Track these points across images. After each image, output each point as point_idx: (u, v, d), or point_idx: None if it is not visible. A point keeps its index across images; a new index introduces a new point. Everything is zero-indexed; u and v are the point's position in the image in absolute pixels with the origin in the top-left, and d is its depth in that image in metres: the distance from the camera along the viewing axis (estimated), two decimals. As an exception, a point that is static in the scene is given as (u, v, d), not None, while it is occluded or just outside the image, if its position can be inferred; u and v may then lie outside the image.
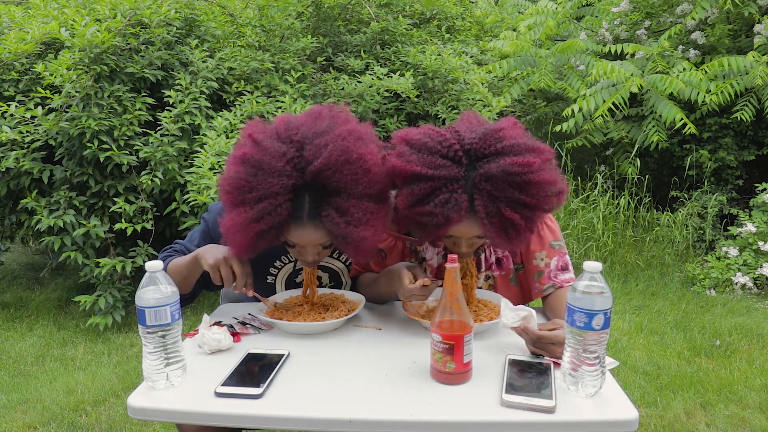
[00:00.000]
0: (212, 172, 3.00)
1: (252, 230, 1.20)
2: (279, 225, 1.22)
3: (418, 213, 1.23)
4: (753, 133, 4.63)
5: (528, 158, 1.18)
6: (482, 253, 1.48)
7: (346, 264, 1.58)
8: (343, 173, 1.19)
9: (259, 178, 1.19)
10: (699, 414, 2.43)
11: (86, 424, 2.41)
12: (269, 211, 1.19)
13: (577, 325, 1.02)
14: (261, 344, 1.30)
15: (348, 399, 1.06)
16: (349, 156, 1.19)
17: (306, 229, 1.24)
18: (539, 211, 1.24)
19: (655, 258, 4.34)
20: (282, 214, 1.19)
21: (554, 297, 1.41)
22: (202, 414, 1.04)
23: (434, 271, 1.53)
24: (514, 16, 5.83)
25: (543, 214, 1.28)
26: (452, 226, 1.23)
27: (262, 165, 1.19)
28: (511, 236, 1.22)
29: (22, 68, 3.61)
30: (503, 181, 1.18)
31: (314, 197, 1.22)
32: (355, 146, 1.21)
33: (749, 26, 4.56)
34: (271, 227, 1.21)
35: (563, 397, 1.03)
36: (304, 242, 1.27)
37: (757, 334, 3.18)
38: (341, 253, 1.56)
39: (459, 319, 1.08)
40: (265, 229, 1.21)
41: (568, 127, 4.41)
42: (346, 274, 1.59)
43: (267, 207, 1.18)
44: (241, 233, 1.22)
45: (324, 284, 1.61)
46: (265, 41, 4.06)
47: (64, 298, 3.93)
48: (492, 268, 1.49)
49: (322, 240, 1.27)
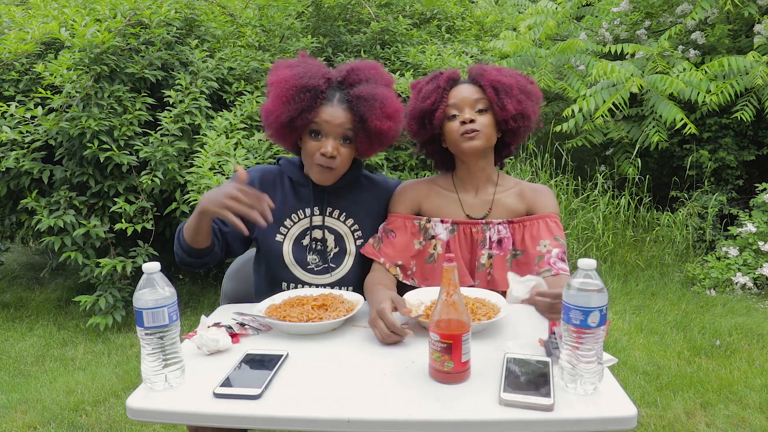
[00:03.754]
0: (212, 172, 3.00)
1: (295, 84, 1.46)
2: (316, 91, 1.47)
3: (424, 90, 1.57)
4: (753, 133, 4.63)
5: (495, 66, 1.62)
6: (488, 231, 1.59)
7: (351, 229, 1.64)
8: (365, 72, 1.54)
9: (305, 64, 1.53)
10: (699, 414, 2.43)
11: (86, 424, 2.41)
12: (311, 76, 1.48)
13: (573, 323, 1.02)
14: (259, 345, 1.30)
15: (347, 399, 1.06)
16: (369, 64, 1.58)
17: (335, 108, 1.49)
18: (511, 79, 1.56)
19: (655, 258, 4.34)
20: (320, 83, 1.48)
21: (548, 281, 1.47)
22: (201, 415, 1.04)
23: (445, 245, 1.60)
24: (514, 16, 5.83)
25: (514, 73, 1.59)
26: (452, 86, 1.56)
27: (309, 61, 1.56)
28: (501, 75, 1.54)
29: (22, 68, 3.62)
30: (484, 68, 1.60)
31: (344, 89, 1.53)
32: (374, 63, 1.61)
33: (749, 26, 4.56)
34: (309, 87, 1.46)
35: (561, 395, 1.03)
36: (331, 121, 1.48)
37: (757, 334, 3.18)
38: (347, 218, 1.63)
39: (457, 318, 1.08)
40: (307, 86, 1.46)
41: (568, 127, 4.41)
42: (351, 239, 1.64)
43: (310, 73, 1.49)
44: (283, 84, 1.47)
45: (329, 248, 1.62)
46: (265, 41, 4.06)
47: (64, 298, 3.93)
48: (493, 247, 1.58)
49: (346, 122, 1.49)
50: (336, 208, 1.63)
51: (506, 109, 1.52)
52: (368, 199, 1.67)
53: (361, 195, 1.66)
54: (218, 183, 2.93)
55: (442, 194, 1.66)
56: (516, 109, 1.53)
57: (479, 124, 1.52)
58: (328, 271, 1.61)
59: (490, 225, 1.59)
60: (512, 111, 1.52)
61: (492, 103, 1.53)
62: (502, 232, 1.58)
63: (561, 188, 4.67)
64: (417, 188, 1.68)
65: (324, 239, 1.62)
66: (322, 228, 1.62)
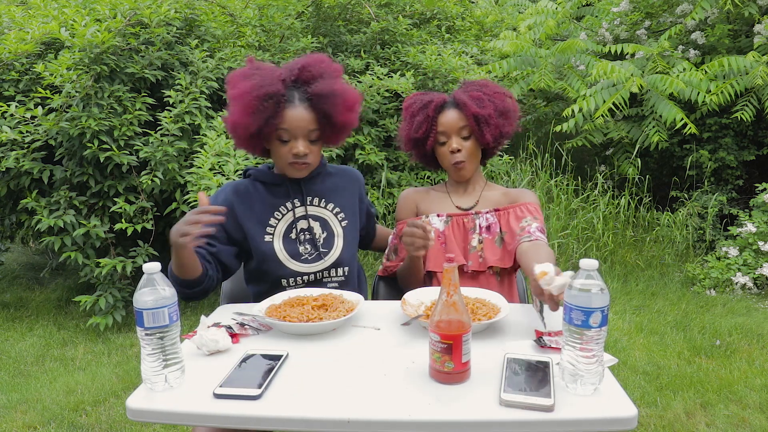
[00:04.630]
0: (212, 173, 3.00)
1: (257, 95, 1.49)
2: (277, 96, 1.50)
3: (416, 121, 1.73)
4: (753, 133, 4.63)
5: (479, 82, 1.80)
6: (477, 219, 1.76)
7: (333, 212, 1.71)
8: (316, 67, 1.58)
9: (259, 71, 1.55)
10: (699, 414, 2.43)
11: (86, 424, 2.41)
12: (269, 83, 1.51)
13: (575, 323, 1.02)
14: (259, 345, 1.30)
15: (347, 399, 1.06)
16: (316, 57, 1.62)
17: (298, 110, 1.53)
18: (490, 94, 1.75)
19: (655, 258, 4.34)
20: (279, 88, 1.51)
21: (528, 245, 1.64)
22: (201, 415, 1.04)
23: (438, 233, 1.77)
24: (514, 16, 5.83)
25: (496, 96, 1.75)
26: (440, 113, 1.73)
27: (260, 67, 1.58)
28: (481, 106, 1.70)
29: (22, 68, 3.61)
30: (465, 87, 1.79)
31: (300, 86, 1.56)
32: (320, 56, 1.64)
33: (749, 26, 4.56)
34: (270, 94, 1.49)
35: (562, 396, 1.03)
36: (297, 124, 1.53)
37: (757, 334, 3.18)
38: (327, 203, 1.71)
39: (457, 319, 1.08)
40: (268, 93, 1.49)
41: (568, 127, 4.41)
42: (336, 221, 1.71)
43: (267, 80, 1.52)
44: (246, 96, 1.50)
45: (317, 234, 1.67)
46: (265, 41, 4.06)
47: (64, 298, 3.93)
48: (483, 233, 1.75)
49: (311, 122, 1.55)
50: (315, 195, 1.69)
51: (485, 138, 1.73)
52: (341, 183, 1.75)
53: (332, 180, 1.74)
54: (218, 183, 2.93)
55: (436, 196, 1.86)
56: (493, 135, 1.74)
57: (465, 152, 1.73)
58: (322, 257, 1.66)
59: (479, 215, 1.78)
60: (490, 139, 1.73)
61: (474, 132, 1.73)
62: (490, 219, 1.77)
63: (561, 188, 4.67)
64: (413, 194, 1.88)
65: (310, 227, 1.67)
66: (306, 217, 1.68)
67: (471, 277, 1.73)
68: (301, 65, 1.57)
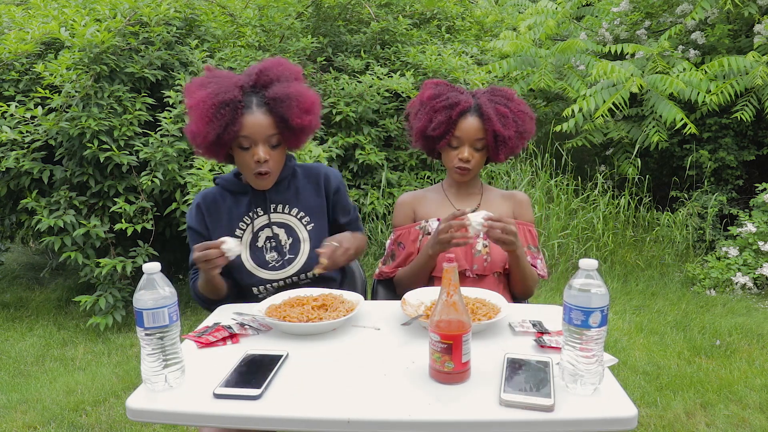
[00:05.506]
0: (212, 173, 3.00)
1: (213, 103, 1.49)
2: (234, 103, 1.50)
3: (436, 119, 1.68)
4: (753, 133, 4.63)
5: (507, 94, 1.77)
6: None
7: (297, 217, 1.70)
8: (273, 70, 1.57)
9: (216, 79, 1.55)
10: (699, 414, 2.43)
11: (86, 424, 2.41)
12: (225, 90, 1.50)
13: (574, 323, 1.02)
14: (260, 345, 1.30)
15: (347, 399, 1.06)
16: (274, 61, 1.61)
17: (255, 116, 1.52)
18: (516, 112, 1.72)
19: (655, 258, 4.34)
20: (236, 95, 1.50)
21: None
22: (201, 415, 1.04)
23: None
24: (514, 16, 5.83)
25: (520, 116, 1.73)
26: (461, 117, 1.68)
27: (218, 74, 1.58)
28: (504, 125, 1.68)
29: (22, 68, 3.61)
30: (493, 95, 1.74)
31: (258, 91, 1.55)
32: (279, 59, 1.64)
33: (749, 26, 4.56)
34: (226, 102, 1.49)
35: (562, 396, 1.03)
36: (255, 129, 1.52)
37: (757, 334, 3.18)
38: (291, 209, 1.70)
39: (457, 319, 1.08)
40: (224, 101, 1.48)
41: (568, 127, 4.41)
42: (300, 226, 1.70)
43: (223, 87, 1.51)
44: (202, 105, 1.49)
45: (282, 241, 1.67)
46: (265, 41, 4.06)
47: (64, 298, 3.93)
48: (486, 236, 1.71)
49: (269, 127, 1.53)
50: (278, 203, 1.68)
51: (498, 157, 1.73)
52: (308, 185, 1.73)
53: (299, 183, 1.72)
54: (218, 183, 2.94)
55: (433, 199, 1.84)
56: (506, 155, 1.73)
57: (473, 162, 1.72)
58: (289, 263, 1.66)
59: (473, 237, 1.74)
60: (503, 159, 1.74)
61: (489, 148, 1.72)
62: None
63: (561, 188, 4.67)
64: (410, 199, 1.85)
65: (275, 235, 1.67)
66: (270, 225, 1.67)
67: (474, 280, 1.72)
68: (258, 69, 1.57)
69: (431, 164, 4.26)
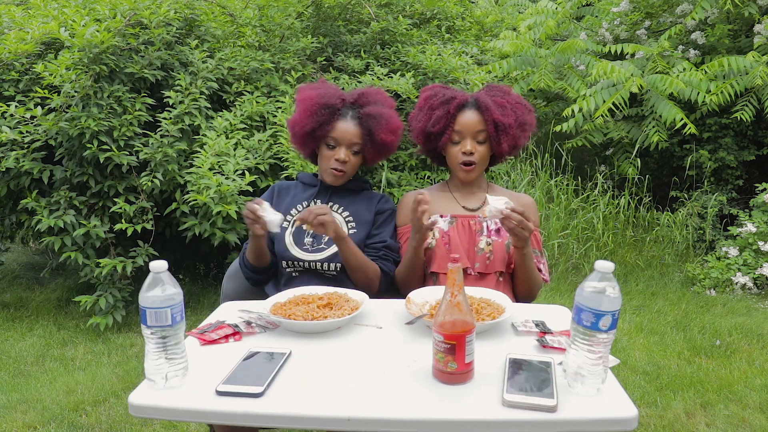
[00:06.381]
0: (212, 173, 3.00)
1: (317, 102, 1.77)
2: (333, 108, 1.78)
3: (434, 116, 1.74)
4: (753, 133, 4.63)
5: (503, 88, 1.82)
6: (485, 223, 1.77)
7: (345, 219, 1.85)
8: (373, 96, 1.86)
9: (325, 87, 1.86)
10: (699, 414, 2.43)
11: (86, 424, 2.41)
12: (331, 96, 1.80)
13: (584, 324, 1.02)
14: (263, 343, 1.30)
15: (348, 397, 1.06)
16: (376, 90, 1.91)
17: (347, 123, 1.79)
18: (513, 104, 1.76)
19: (655, 258, 4.34)
20: (337, 102, 1.79)
21: None
22: (203, 412, 1.04)
23: (442, 232, 1.76)
24: (514, 16, 5.83)
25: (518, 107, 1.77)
26: (459, 111, 1.73)
27: (328, 85, 1.89)
28: (503, 114, 1.72)
29: (22, 68, 3.61)
30: (489, 90, 1.81)
31: (355, 108, 1.83)
32: (380, 90, 1.92)
33: (749, 26, 4.56)
34: (328, 105, 1.77)
35: (564, 396, 1.03)
36: (344, 134, 1.78)
37: (757, 334, 3.18)
38: (344, 210, 1.86)
39: (461, 319, 1.08)
40: (327, 103, 1.77)
41: (568, 127, 4.41)
42: (345, 226, 1.84)
43: (330, 93, 1.81)
44: (309, 101, 1.78)
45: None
46: (265, 41, 4.05)
47: (64, 298, 3.93)
48: (492, 235, 1.75)
49: (356, 135, 1.79)
50: (336, 202, 1.87)
51: (501, 147, 1.74)
52: (365, 203, 1.89)
53: (360, 198, 1.90)
54: (218, 183, 2.94)
55: (438, 196, 1.85)
56: (510, 145, 1.75)
57: (477, 155, 1.74)
58: (320, 251, 1.79)
59: (487, 218, 1.74)
60: (506, 149, 1.75)
61: (491, 138, 1.74)
62: (499, 222, 1.73)
63: (561, 188, 4.67)
64: (413, 197, 1.82)
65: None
66: None
67: (476, 279, 1.72)
68: (361, 92, 1.87)
69: (431, 164, 4.26)
